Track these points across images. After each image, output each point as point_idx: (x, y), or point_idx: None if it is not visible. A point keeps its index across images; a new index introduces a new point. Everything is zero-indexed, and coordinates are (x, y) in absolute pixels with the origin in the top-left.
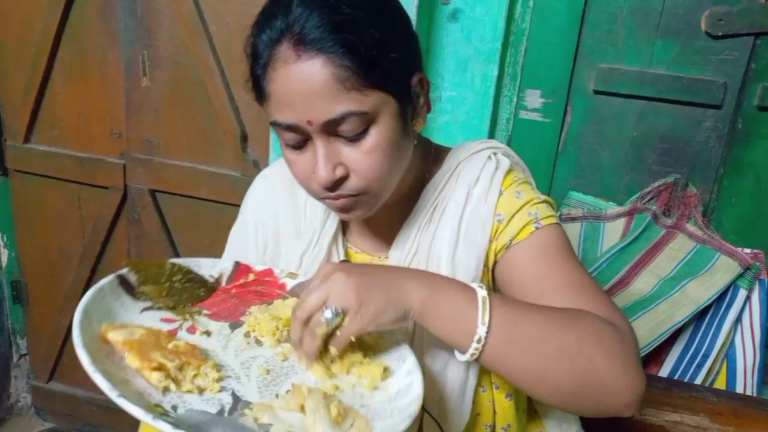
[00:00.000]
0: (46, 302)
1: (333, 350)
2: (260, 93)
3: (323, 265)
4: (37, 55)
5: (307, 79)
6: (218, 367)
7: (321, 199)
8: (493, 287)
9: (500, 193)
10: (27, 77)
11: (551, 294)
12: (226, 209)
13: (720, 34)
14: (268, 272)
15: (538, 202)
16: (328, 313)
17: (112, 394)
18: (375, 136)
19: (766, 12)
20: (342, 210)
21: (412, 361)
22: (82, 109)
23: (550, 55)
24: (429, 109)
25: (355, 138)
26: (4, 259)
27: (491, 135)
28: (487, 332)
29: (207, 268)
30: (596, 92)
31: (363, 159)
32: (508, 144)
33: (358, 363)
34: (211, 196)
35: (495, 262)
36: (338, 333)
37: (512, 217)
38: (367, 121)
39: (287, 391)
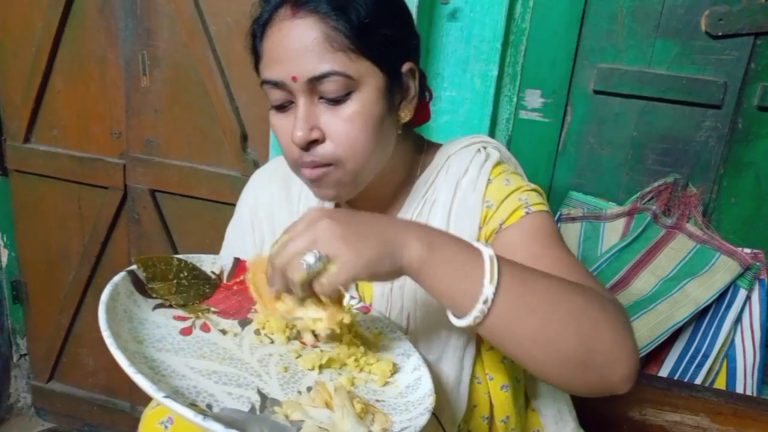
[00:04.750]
0: (46, 302)
1: (323, 299)
2: (256, 54)
3: (308, 211)
4: (37, 55)
5: (298, 35)
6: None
7: (298, 168)
8: None
9: (489, 181)
10: (27, 77)
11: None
12: (226, 209)
13: (720, 34)
14: None
15: (528, 190)
16: (309, 257)
17: (159, 395)
18: (356, 103)
19: (766, 12)
20: (314, 182)
21: (417, 357)
22: (82, 109)
23: (550, 55)
24: (428, 119)
25: (336, 101)
26: (4, 259)
27: (491, 135)
28: (494, 293)
29: (208, 264)
30: (596, 92)
31: (340, 125)
32: (508, 144)
33: (363, 356)
34: (211, 196)
35: None
36: (323, 280)
37: (502, 202)
38: (349, 86)
39: (308, 388)
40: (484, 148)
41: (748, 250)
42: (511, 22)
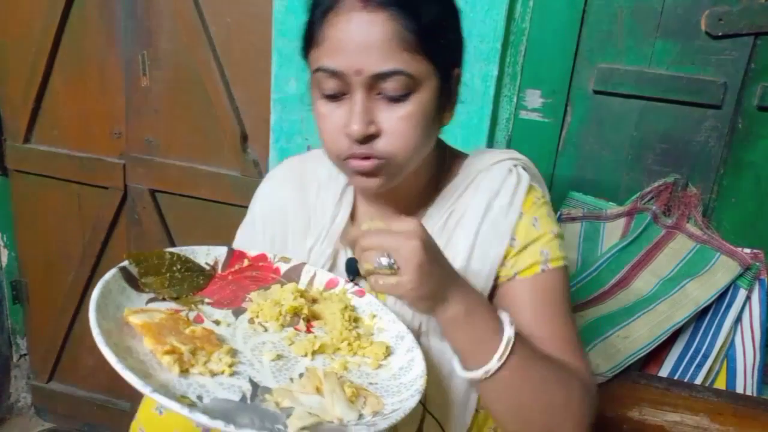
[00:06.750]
0: (46, 302)
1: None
2: (311, 40)
3: (410, 220)
4: (37, 55)
5: (368, 29)
6: (233, 353)
7: (344, 160)
8: None
9: (520, 216)
10: (27, 77)
11: (538, 341)
12: (225, 209)
13: (720, 34)
14: (262, 257)
15: (552, 239)
16: (384, 260)
17: (146, 389)
18: (414, 104)
19: (766, 12)
20: (365, 174)
21: (411, 339)
22: (82, 109)
23: (550, 55)
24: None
25: (396, 100)
26: (4, 259)
27: (491, 135)
28: (499, 368)
29: (202, 255)
30: (596, 92)
31: (398, 123)
32: (508, 144)
33: (356, 340)
34: (210, 196)
35: (495, 286)
36: (381, 282)
37: (524, 248)
38: (410, 86)
39: (300, 375)
40: (515, 167)
41: (748, 250)
42: (511, 22)
